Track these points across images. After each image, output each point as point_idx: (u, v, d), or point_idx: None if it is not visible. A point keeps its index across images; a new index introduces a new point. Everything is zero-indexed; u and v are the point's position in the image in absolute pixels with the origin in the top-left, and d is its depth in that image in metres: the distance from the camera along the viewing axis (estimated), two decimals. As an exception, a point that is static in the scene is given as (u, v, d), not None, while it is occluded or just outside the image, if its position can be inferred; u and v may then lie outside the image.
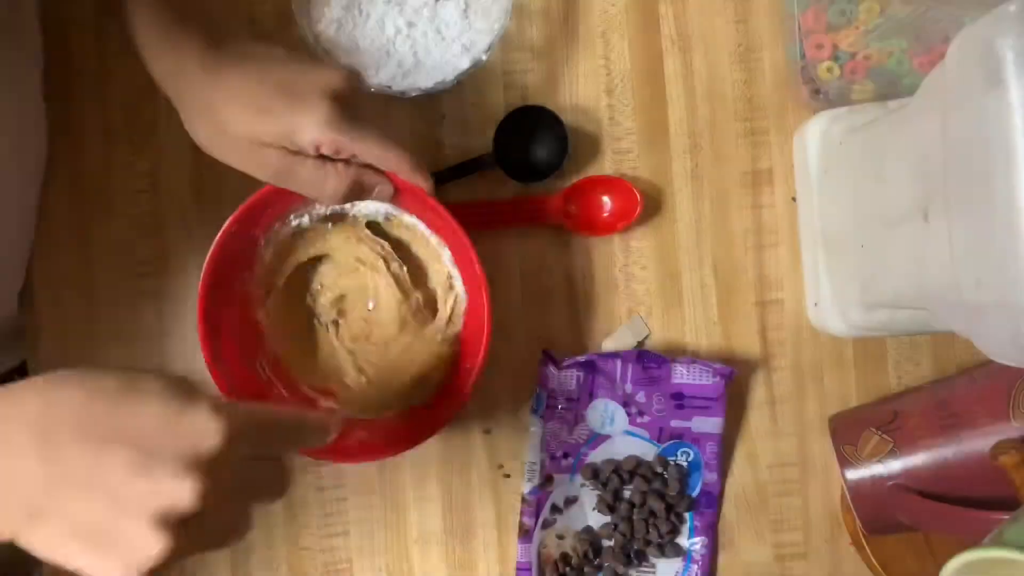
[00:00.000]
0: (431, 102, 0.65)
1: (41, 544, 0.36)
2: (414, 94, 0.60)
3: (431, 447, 0.65)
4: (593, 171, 0.66)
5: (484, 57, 0.60)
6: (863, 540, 0.64)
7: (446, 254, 0.60)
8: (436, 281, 0.62)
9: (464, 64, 0.60)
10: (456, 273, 0.60)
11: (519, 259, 0.66)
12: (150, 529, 0.35)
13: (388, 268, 0.60)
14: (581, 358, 0.63)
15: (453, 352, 0.61)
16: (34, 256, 0.63)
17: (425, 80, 0.61)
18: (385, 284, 0.61)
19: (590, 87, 0.66)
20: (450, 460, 0.65)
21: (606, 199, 0.65)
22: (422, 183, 0.55)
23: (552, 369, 0.63)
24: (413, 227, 0.60)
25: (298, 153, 0.51)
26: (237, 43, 0.52)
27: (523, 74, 0.66)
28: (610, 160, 0.66)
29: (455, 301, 0.61)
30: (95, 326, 0.64)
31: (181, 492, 0.35)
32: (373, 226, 0.61)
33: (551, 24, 0.66)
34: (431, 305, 0.62)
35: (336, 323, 0.62)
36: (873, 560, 0.64)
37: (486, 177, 0.65)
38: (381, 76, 0.60)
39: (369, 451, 0.59)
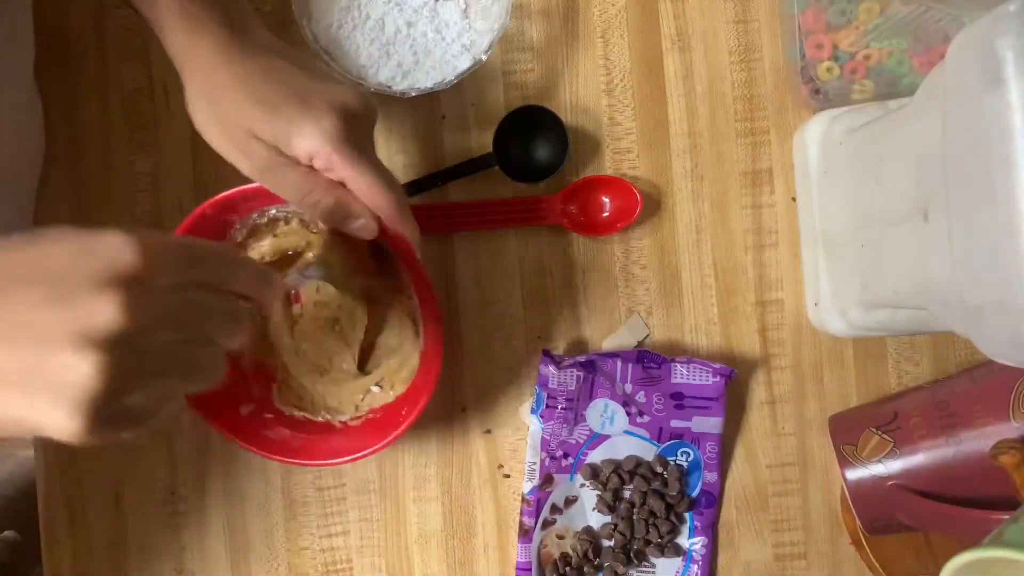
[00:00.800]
0: (431, 102, 0.65)
1: None
2: (414, 94, 0.60)
3: (431, 447, 0.65)
4: (593, 171, 0.66)
5: (484, 57, 0.60)
6: (863, 540, 0.64)
7: (414, 303, 0.59)
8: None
9: (464, 64, 0.60)
10: (420, 330, 0.59)
11: (519, 259, 0.66)
12: (74, 352, 0.33)
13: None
14: (581, 358, 0.63)
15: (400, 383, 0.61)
16: None
17: (425, 80, 0.61)
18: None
19: (590, 87, 0.66)
20: (450, 460, 0.65)
21: (606, 199, 0.65)
22: (407, 232, 0.52)
23: (552, 369, 0.63)
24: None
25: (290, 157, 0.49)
26: (258, 35, 0.51)
27: (523, 74, 0.66)
28: (610, 160, 0.66)
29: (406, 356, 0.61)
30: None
31: (98, 307, 0.33)
32: None
33: (551, 24, 0.66)
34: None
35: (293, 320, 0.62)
36: (873, 560, 0.64)
37: (486, 177, 0.65)
38: (381, 76, 0.60)
39: (291, 452, 0.58)
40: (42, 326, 0.33)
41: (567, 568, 0.63)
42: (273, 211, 0.57)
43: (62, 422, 0.33)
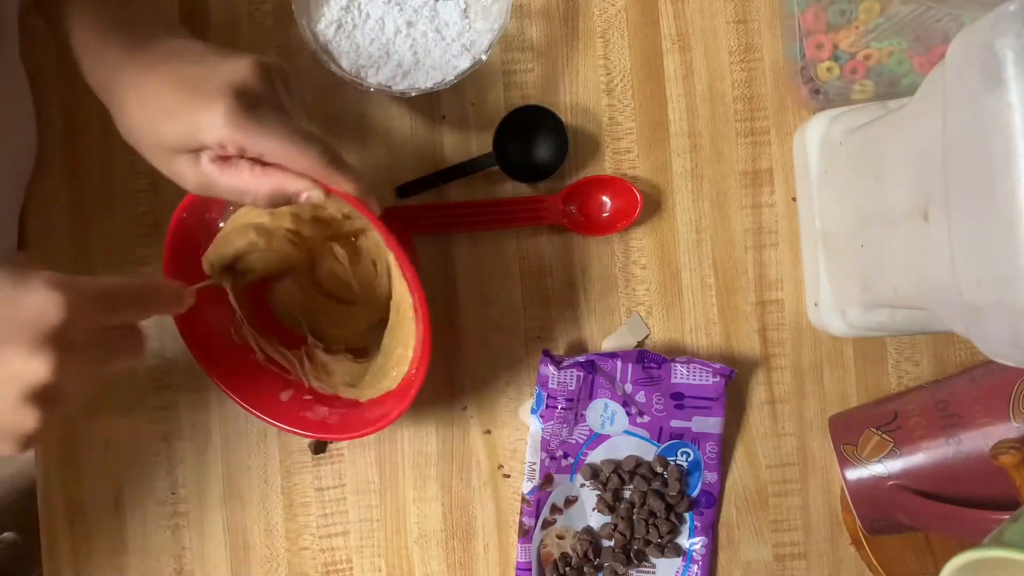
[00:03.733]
0: (431, 102, 0.65)
1: None
2: (414, 94, 0.60)
3: (431, 447, 0.65)
4: (593, 171, 0.66)
5: (484, 57, 0.60)
6: (863, 540, 0.64)
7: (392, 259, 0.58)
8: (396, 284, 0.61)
9: (464, 64, 0.60)
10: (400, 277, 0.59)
11: (519, 259, 0.66)
12: (18, 408, 0.39)
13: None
14: (581, 358, 0.63)
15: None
16: (33, 256, 0.63)
17: (425, 80, 0.61)
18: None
19: (590, 87, 0.66)
20: (450, 460, 0.65)
21: (606, 199, 0.65)
22: (341, 183, 0.49)
23: (552, 369, 0.63)
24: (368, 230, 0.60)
25: (215, 160, 0.48)
26: (161, 43, 0.50)
27: (523, 74, 0.66)
28: (610, 160, 0.66)
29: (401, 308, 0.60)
30: (95, 326, 0.64)
31: (36, 370, 0.38)
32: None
33: (551, 24, 0.66)
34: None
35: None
36: (873, 560, 0.64)
37: (486, 177, 0.65)
38: (381, 76, 0.60)
39: (329, 429, 0.59)
40: None
41: (567, 568, 0.63)
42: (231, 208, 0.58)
43: (9, 452, 0.41)
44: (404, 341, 0.59)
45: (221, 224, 0.58)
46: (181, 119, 0.46)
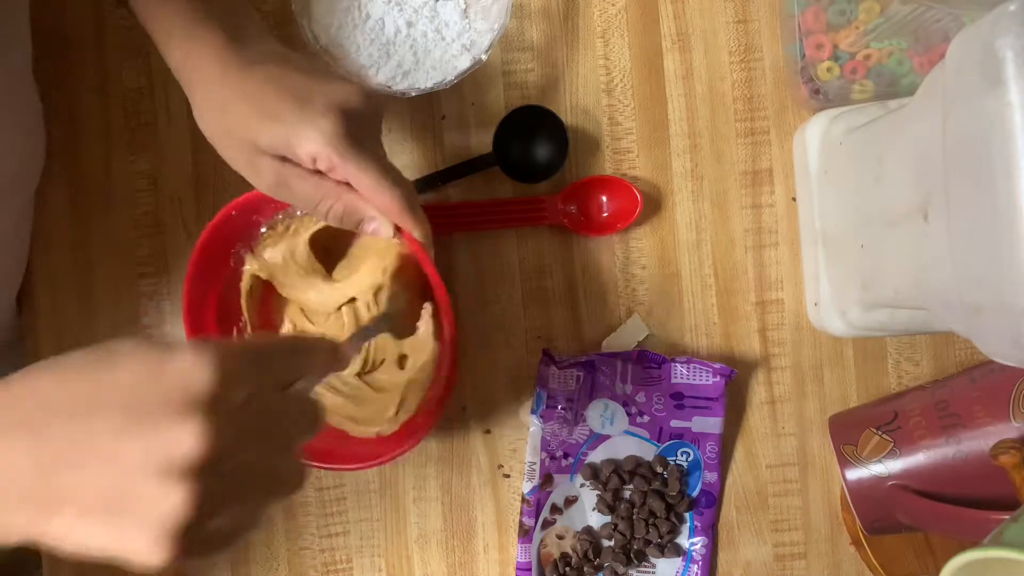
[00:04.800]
0: (431, 102, 0.65)
1: (60, 536, 0.33)
2: (414, 94, 0.60)
3: (431, 447, 0.65)
4: (593, 171, 0.66)
5: (484, 57, 0.60)
6: (863, 540, 0.64)
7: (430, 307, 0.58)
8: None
9: (464, 64, 0.60)
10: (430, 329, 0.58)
11: (519, 259, 0.66)
12: (159, 483, 0.32)
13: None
14: (581, 358, 0.63)
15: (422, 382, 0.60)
16: (33, 256, 0.63)
17: (425, 80, 0.61)
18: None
19: (590, 87, 0.66)
20: (450, 460, 0.65)
21: (606, 199, 0.65)
22: (413, 228, 0.50)
23: (552, 369, 0.63)
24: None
25: (297, 166, 0.49)
26: (260, 43, 0.50)
27: (523, 74, 0.66)
28: (610, 160, 0.66)
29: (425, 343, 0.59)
30: (95, 326, 0.64)
31: (180, 437, 0.32)
32: None
33: (551, 24, 0.66)
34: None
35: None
36: (873, 560, 0.64)
37: (486, 177, 0.65)
38: (381, 76, 0.60)
39: (349, 459, 0.58)
40: (123, 456, 0.33)
41: (567, 568, 0.63)
42: (298, 212, 0.57)
43: (149, 552, 0.33)
44: (421, 371, 0.58)
45: (263, 229, 0.57)
46: (281, 124, 0.47)
